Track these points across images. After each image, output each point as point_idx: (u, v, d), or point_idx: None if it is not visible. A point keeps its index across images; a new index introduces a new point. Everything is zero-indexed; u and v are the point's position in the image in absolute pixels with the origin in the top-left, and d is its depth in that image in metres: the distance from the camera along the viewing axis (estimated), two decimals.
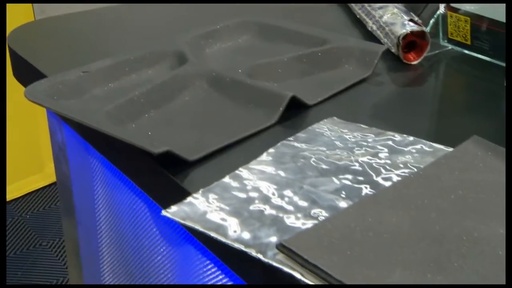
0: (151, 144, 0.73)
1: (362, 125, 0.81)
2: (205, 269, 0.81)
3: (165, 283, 0.94)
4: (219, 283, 0.80)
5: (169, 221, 0.80)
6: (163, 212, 0.68)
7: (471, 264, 0.58)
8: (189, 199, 0.69)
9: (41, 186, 2.52)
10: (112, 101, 0.83)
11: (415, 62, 0.97)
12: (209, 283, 0.81)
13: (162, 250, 0.93)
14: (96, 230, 1.08)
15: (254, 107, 0.84)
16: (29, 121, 2.38)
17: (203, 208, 0.67)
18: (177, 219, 0.67)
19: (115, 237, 1.04)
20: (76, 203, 1.10)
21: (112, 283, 1.10)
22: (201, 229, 0.65)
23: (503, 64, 0.90)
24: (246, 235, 0.63)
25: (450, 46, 1.00)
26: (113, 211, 1.02)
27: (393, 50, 0.98)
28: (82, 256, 1.16)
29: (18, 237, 2.23)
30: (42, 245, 2.16)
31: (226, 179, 0.72)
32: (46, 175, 2.51)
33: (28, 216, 2.35)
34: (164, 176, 0.75)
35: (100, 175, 1.01)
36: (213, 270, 0.80)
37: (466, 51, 0.98)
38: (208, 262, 0.80)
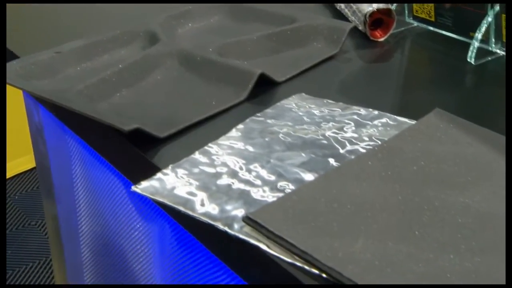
0: (121, 122, 0.72)
1: (329, 101, 0.80)
2: (179, 243, 0.80)
3: (142, 257, 0.93)
4: (192, 256, 0.78)
5: (143, 197, 0.78)
6: (133, 188, 0.67)
7: (431, 233, 0.58)
8: (158, 174, 0.68)
9: (29, 168, 2.49)
10: (84, 80, 0.81)
11: (381, 39, 0.96)
12: (182, 256, 0.79)
13: (138, 225, 0.91)
14: (75, 207, 1.07)
15: (224, 85, 0.83)
16: (16, 103, 2.35)
17: (172, 183, 0.66)
18: (146, 194, 0.66)
19: (94, 214, 1.03)
20: (55, 182, 1.08)
21: (91, 260, 1.09)
22: (169, 203, 0.64)
23: (466, 40, 0.90)
24: (214, 209, 0.62)
25: (415, 23, 0.99)
26: (91, 189, 1.00)
27: (360, 27, 0.96)
28: (62, 234, 1.14)
29: (8, 217, 2.21)
30: (31, 225, 2.15)
31: (196, 155, 0.70)
32: (33, 157, 2.48)
33: (16, 197, 2.34)
34: (135, 153, 0.73)
35: (77, 154, 1.00)
36: (187, 243, 0.78)
37: (431, 28, 0.97)
38: (182, 235, 0.79)
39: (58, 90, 0.79)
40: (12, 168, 2.47)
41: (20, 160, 2.50)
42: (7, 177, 2.43)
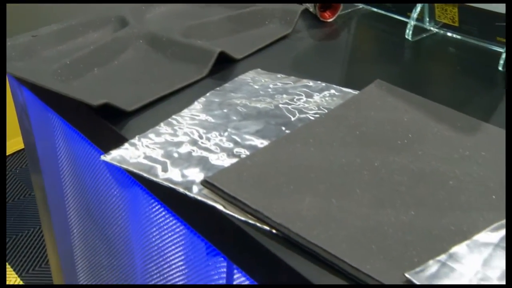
0: (91, 98, 0.69)
1: (282, 75, 0.78)
2: (151, 207, 0.78)
3: (120, 220, 0.90)
4: (163, 220, 0.76)
5: (118, 166, 0.76)
6: (102, 157, 0.65)
7: (371, 190, 0.57)
8: (126, 145, 0.66)
9: None
10: (59, 61, 0.78)
11: (330, 20, 0.94)
12: (155, 219, 0.77)
13: (115, 192, 0.89)
14: (60, 178, 1.04)
15: (187, 63, 0.81)
16: None
17: (138, 152, 0.65)
18: (114, 162, 0.64)
19: (77, 183, 1.00)
20: (40, 156, 1.05)
21: (77, 225, 1.06)
22: (134, 170, 0.62)
23: (404, 19, 0.89)
24: (175, 174, 0.61)
25: (360, 5, 0.97)
26: (73, 161, 0.97)
27: (311, 10, 0.94)
28: (50, 202, 1.11)
29: (10, 188, 2.19)
30: (31, 195, 2.14)
31: (160, 126, 0.68)
32: None
33: (17, 171, 2.32)
34: (105, 126, 0.71)
35: (59, 129, 0.97)
36: (157, 207, 0.76)
37: (374, 9, 0.95)
38: (152, 200, 0.77)
39: (35, 70, 0.76)
40: (13, 145, 2.44)
41: (20, 138, 2.46)
42: (9, 153, 2.40)
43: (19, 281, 1.77)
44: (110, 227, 0.95)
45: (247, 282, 0.65)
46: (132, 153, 0.64)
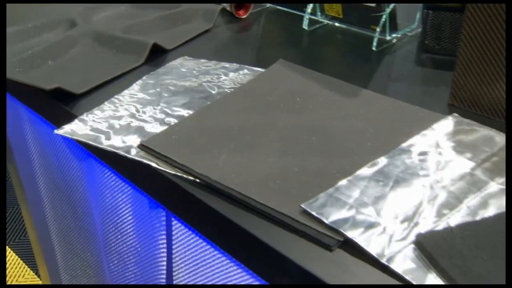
0: (45, 84, 0.66)
1: (205, 60, 0.77)
2: (103, 174, 0.75)
3: (81, 188, 0.87)
4: (114, 183, 0.74)
5: (75, 142, 0.73)
6: (55, 131, 0.62)
7: (274, 143, 0.57)
8: (76, 120, 0.64)
9: None
10: (18, 56, 0.74)
11: (244, 16, 0.93)
12: (107, 183, 0.75)
13: (74, 164, 0.86)
14: (30, 158, 0.99)
15: (127, 54, 0.78)
16: None
17: (86, 125, 0.63)
18: (66, 135, 0.61)
19: (43, 159, 0.96)
20: (11, 140, 1.00)
21: (47, 197, 1.02)
22: (83, 140, 0.60)
23: (301, 13, 0.88)
24: (117, 141, 0.59)
25: (268, 4, 0.96)
26: (39, 141, 0.93)
27: (228, 8, 0.93)
28: (22, 179, 1.07)
29: None
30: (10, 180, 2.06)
31: (104, 104, 0.66)
32: None
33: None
34: (59, 107, 0.68)
35: (25, 115, 0.92)
36: (108, 173, 0.74)
37: (279, 7, 0.95)
38: (104, 168, 0.74)
39: None
40: None
41: None
42: None
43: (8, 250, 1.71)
44: (74, 195, 0.92)
45: (183, 228, 0.64)
46: (81, 127, 0.62)
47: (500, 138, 0.55)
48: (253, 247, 0.48)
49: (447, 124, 0.58)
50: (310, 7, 0.85)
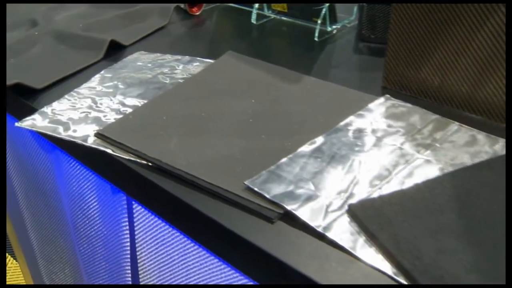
0: (5, 79, 0.63)
1: (159, 54, 0.75)
2: (69, 164, 0.73)
3: (50, 177, 0.85)
4: (79, 172, 0.72)
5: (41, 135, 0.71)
6: (16, 124, 0.59)
7: (223, 128, 0.55)
8: (36, 113, 0.61)
9: None
10: None
11: (197, 13, 0.91)
12: (73, 172, 0.73)
13: (42, 157, 0.83)
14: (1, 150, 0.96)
15: (86, 50, 0.76)
16: None
17: (46, 118, 0.60)
18: (26, 127, 0.59)
19: (15, 155, 0.93)
20: None
21: (20, 190, 0.99)
22: (42, 131, 0.58)
23: (250, 9, 0.87)
24: (75, 131, 0.57)
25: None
26: (11, 138, 0.90)
27: (182, 6, 0.91)
28: None
29: None
30: None
31: (64, 97, 0.64)
32: None
33: None
34: (21, 101, 0.65)
35: None
36: (73, 163, 0.72)
37: (229, 4, 0.93)
38: (70, 158, 0.72)
39: None
40: None
41: None
42: None
43: None
44: (44, 185, 0.89)
45: (143, 211, 0.62)
46: (41, 119, 0.60)
47: (425, 116, 0.56)
48: (203, 223, 0.47)
49: (379, 104, 0.58)
50: (257, 3, 0.84)
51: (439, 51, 0.57)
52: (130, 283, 0.71)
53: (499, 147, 0.50)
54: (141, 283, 0.69)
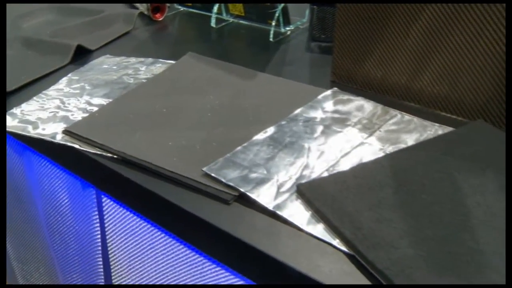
0: None
1: (124, 57, 0.76)
2: (39, 163, 0.73)
3: (21, 179, 0.84)
4: (49, 170, 0.72)
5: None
6: None
7: (183, 121, 0.57)
8: (6, 114, 0.61)
9: None
10: None
11: (160, 19, 0.93)
12: (43, 171, 0.73)
13: (15, 160, 0.83)
14: None
15: (53, 55, 0.77)
16: None
17: (15, 118, 0.61)
18: None
19: None
20: None
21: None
22: (12, 130, 0.58)
23: (209, 14, 0.89)
24: (43, 129, 0.58)
25: (181, 8, 0.96)
26: None
27: (146, 12, 0.92)
28: None
29: None
30: None
31: (33, 99, 0.65)
32: None
33: None
34: None
35: None
36: (44, 162, 0.72)
37: (190, 9, 0.95)
38: (41, 158, 0.73)
39: None
40: None
41: None
42: None
43: None
44: (17, 186, 0.89)
45: (112, 203, 0.63)
46: (10, 120, 0.60)
47: (368, 105, 0.59)
48: (167, 209, 0.49)
49: (328, 96, 0.61)
50: (216, 7, 0.87)
51: (380, 47, 0.60)
52: (102, 275, 0.72)
53: (433, 130, 0.54)
54: (113, 274, 0.70)
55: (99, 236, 0.68)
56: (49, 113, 0.60)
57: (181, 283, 0.58)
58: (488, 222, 0.41)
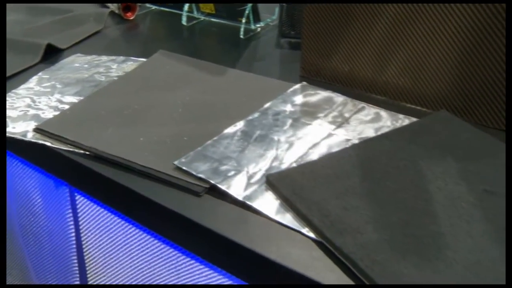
0: None
1: (95, 56, 0.76)
2: (13, 164, 0.72)
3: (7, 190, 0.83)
4: (22, 170, 0.71)
5: None
6: None
7: (156, 117, 0.57)
8: None
9: None
10: None
11: (131, 18, 0.92)
12: (17, 171, 0.72)
13: None
14: None
15: (24, 54, 0.76)
16: None
17: None
18: None
19: None
20: None
21: None
22: None
23: (180, 12, 0.89)
24: (14, 128, 0.57)
25: (153, 6, 0.96)
26: None
27: (117, 11, 0.91)
28: None
29: None
30: None
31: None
32: None
33: None
34: None
35: None
36: (17, 162, 0.71)
37: (162, 8, 0.95)
38: (13, 159, 0.71)
39: None
40: None
41: None
42: None
43: None
44: None
45: (85, 201, 0.63)
46: None
47: (336, 98, 0.60)
48: (139, 203, 0.49)
49: (297, 90, 0.62)
50: (187, 6, 0.87)
51: (346, 42, 0.62)
52: (77, 273, 0.72)
53: (398, 121, 0.55)
54: (88, 272, 0.70)
55: (73, 234, 0.68)
56: (19, 111, 0.60)
57: (156, 278, 0.59)
58: (448, 205, 0.42)
